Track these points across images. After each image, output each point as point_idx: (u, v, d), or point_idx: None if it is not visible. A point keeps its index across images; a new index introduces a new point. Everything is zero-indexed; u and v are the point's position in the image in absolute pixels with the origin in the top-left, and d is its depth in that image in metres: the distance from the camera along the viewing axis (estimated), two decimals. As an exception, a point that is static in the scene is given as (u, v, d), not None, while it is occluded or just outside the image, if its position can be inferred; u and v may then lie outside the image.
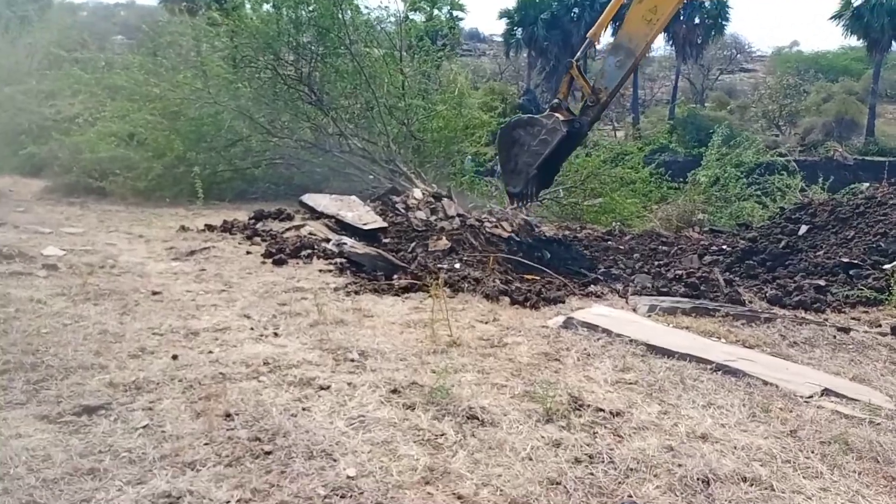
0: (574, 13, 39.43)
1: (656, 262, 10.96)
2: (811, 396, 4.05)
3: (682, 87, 44.36)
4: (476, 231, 11.06)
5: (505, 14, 41.52)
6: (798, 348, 5.13)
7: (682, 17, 38.62)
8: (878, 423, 3.72)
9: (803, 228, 10.59)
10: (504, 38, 43.15)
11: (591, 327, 4.88)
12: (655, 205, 15.33)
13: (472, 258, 9.89)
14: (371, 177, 13.04)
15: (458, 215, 11.31)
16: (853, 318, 6.34)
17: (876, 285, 7.09)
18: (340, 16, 12.39)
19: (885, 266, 8.19)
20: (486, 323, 5.25)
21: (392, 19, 14.20)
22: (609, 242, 12.08)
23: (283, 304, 5.40)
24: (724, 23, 39.15)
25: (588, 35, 11.40)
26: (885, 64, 39.14)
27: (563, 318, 5.06)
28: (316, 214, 10.40)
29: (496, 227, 11.85)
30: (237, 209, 10.82)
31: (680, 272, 9.82)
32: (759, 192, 14.31)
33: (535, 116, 11.05)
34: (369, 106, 13.13)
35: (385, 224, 10.34)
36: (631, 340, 4.65)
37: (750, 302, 6.64)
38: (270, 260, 6.99)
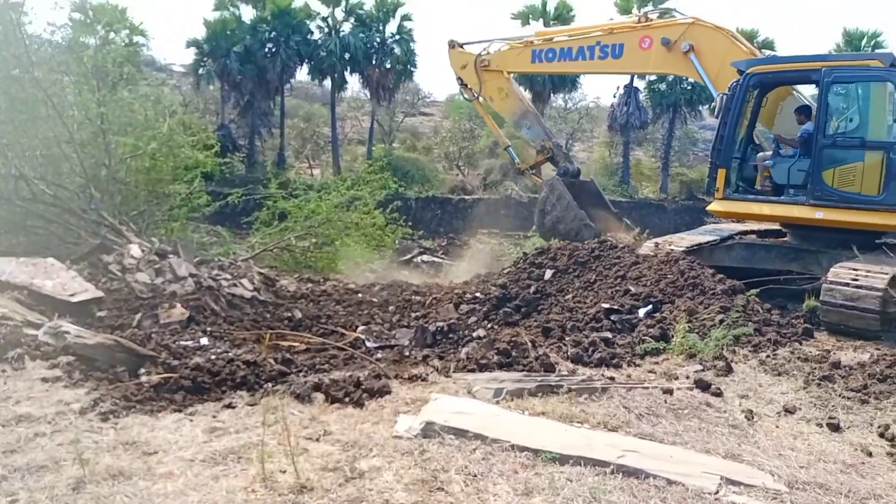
0: (269, 49, 38.04)
1: (413, 314, 10.48)
2: (717, 491, 3.69)
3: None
4: (215, 294, 9.43)
5: (194, 44, 38.46)
6: (646, 420, 4.84)
7: (374, 62, 39.78)
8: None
9: (548, 273, 10.97)
10: (192, 69, 39.83)
11: (460, 433, 3.97)
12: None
13: (220, 330, 8.31)
14: (62, 230, 10.47)
15: (191, 275, 9.56)
16: (650, 372, 6.38)
17: (652, 333, 7.34)
18: (19, 33, 9.69)
19: (640, 311, 8.70)
20: (318, 440, 4.01)
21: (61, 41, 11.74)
22: (360, 295, 11.32)
23: (10, 452, 3.52)
24: (412, 69, 41.27)
25: (504, 148, 16.97)
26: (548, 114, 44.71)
27: (420, 423, 4.06)
28: (-2, 286, 7.86)
29: (235, 285, 10.32)
30: None
31: (441, 324, 9.55)
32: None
33: (542, 196, 14.10)
34: (57, 142, 10.53)
35: (100, 293, 8.25)
36: (513, 446, 3.86)
37: (557, 364, 6.35)
38: (-45, 370, 4.77)
